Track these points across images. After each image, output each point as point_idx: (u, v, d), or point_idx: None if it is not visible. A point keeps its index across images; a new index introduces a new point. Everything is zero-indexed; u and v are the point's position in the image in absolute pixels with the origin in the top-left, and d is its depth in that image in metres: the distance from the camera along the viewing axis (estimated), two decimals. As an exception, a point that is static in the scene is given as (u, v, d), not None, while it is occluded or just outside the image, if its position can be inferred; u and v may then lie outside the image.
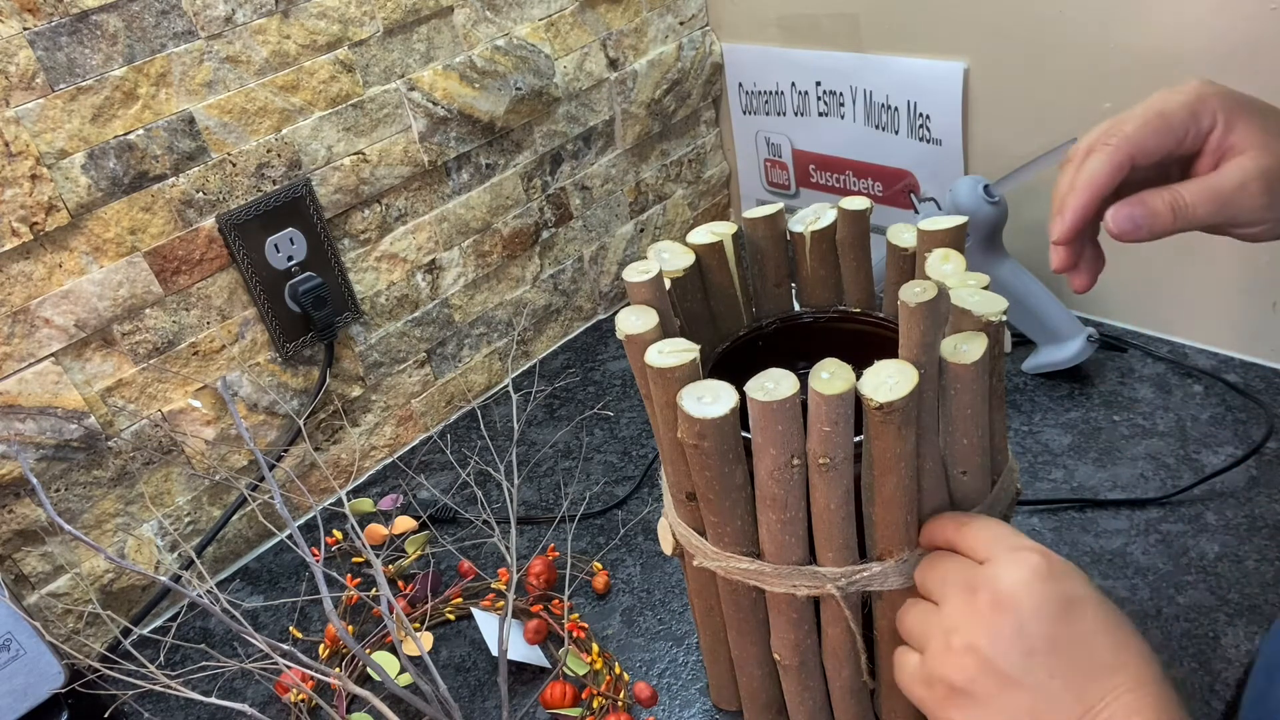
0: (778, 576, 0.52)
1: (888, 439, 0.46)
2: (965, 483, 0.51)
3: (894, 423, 0.45)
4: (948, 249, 0.53)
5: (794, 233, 0.60)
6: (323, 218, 0.86)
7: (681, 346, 0.49)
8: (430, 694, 0.62)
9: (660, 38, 1.09)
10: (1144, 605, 0.67)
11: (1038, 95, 0.89)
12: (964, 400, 0.47)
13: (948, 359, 0.46)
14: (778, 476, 0.48)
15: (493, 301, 1.04)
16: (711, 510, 0.51)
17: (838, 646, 0.56)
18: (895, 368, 0.46)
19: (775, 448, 0.47)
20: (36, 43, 0.68)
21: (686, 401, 0.47)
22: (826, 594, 0.52)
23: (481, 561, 0.83)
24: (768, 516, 0.50)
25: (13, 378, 0.72)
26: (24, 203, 0.69)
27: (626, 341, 0.51)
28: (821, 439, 0.46)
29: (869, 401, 0.45)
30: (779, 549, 0.51)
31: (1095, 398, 0.87)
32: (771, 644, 0.57)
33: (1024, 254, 0.95)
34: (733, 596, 0.56)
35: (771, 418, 0.45)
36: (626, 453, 0.93)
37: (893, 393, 0.44)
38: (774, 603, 0.54)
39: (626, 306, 0.53)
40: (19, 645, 0.66)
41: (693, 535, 0.54)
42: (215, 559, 0.88)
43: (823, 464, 0.47)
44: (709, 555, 0.54)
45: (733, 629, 0.58)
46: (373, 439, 0.98)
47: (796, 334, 0.63)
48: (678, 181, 1.19)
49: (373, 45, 0.85)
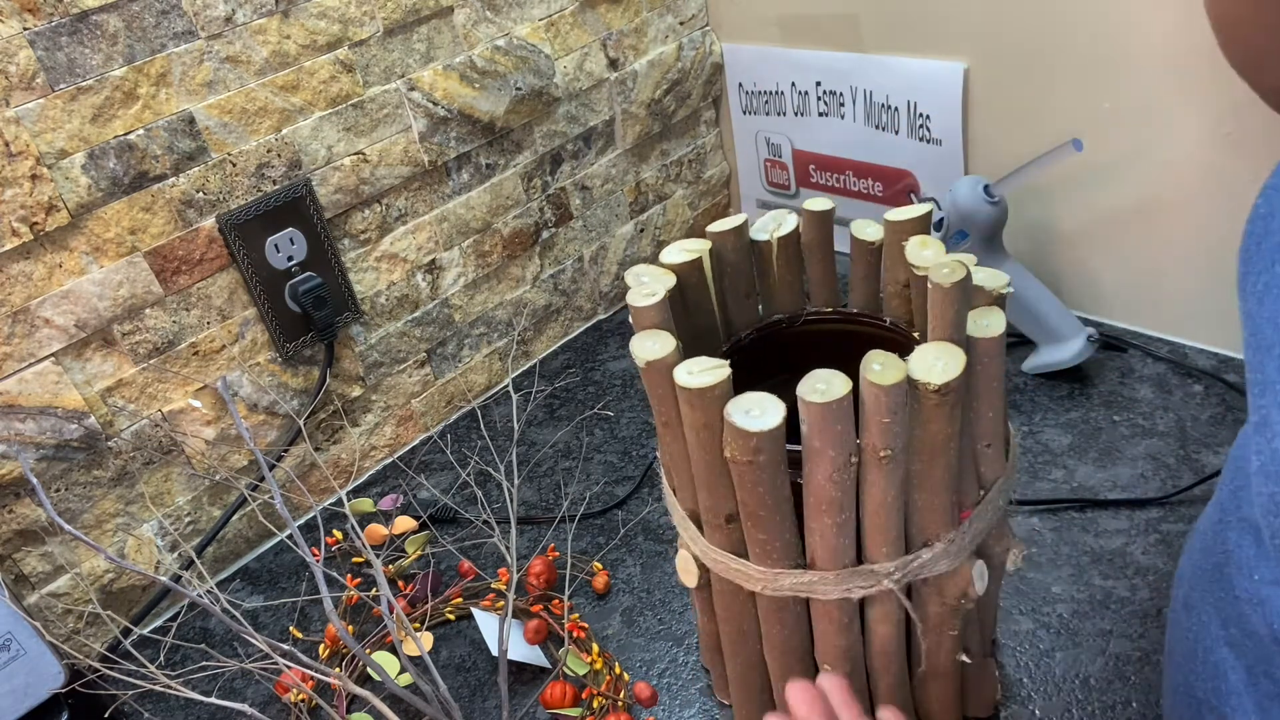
0: (832, 583, 0.51)
1: (940, 421, 0.46)
2: (989, 456, 0.52)
3: (948, 404, 0.45)
4: (923, 236, 0.54)
5: (759, 241, 0.60)
6: (323, 218, 0.86)
7: (709, 364, 0.47)
8: (430, 694, 0.62)
9: (660, 38, 1.09)
10: (1144, 605, 0.67)
11: (1038, 95, 0.89)
12: (990, 374, 0.49)
13: (974, 335, 0.47)
14: (836, 479, 0.47)
15: (493, 301, 1.04)
16: (760, 527, 0.50)
17: (886, 644, 0.55)
18: (938, 350, 0.46)
19: (834, 449, 0.46)
20: (36, 43, 0.68)
21: (737, 417, 0.45)
22: (882, 590, 0.51)
23: (481, 561, 0.83)
24: (822, 522, 0.49)
25: (13, 378, 0.72)
26: (24, 203, 0.69)
27: (647, 369, 0.49)
28: (881, 431, 0.45)
29: (926, 385, 0.45)
30: (832, 554, 0.50)
31: (1095, 398, 0.87)
32: (818, 656, 0.56)
33: (1024, 254, 0.95)
34: (777, 615, 0.54)
35: (830, 418, 0.45)
36: (626, 453, 0.93)
37: (945, 374, 0.45)
38: (822, 612, 0.53)
39: (628, 324, 0.52)
40: (19, 645, 0.66)
41: (731, 560, 0.53)
42: (215, 559, 0.88)
43: (884, 456, 0.46)
44: (753, 576, 0.52)
45: (774, 649, 0.56)
46: (373, 439, 0.98)
47: (777, 342, 0.63)
48: (678, 181, 1.19)
49: (373, 45, 0.85)
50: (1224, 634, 0.40)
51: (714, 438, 0.48)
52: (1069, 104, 0.87)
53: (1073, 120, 0.87)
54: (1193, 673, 0.43)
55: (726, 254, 0.59)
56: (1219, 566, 0.41)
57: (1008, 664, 0.66)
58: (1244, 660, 0.40)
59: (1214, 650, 0.41)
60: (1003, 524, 0.56)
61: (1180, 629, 0.45)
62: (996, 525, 0.55)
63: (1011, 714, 0.63)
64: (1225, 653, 0.40)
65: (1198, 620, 0.43)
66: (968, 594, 0.52)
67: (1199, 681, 0.42)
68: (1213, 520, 0.43)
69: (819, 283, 0.62)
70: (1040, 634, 0.67)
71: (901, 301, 0.58)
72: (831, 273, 0.62)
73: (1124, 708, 0.61)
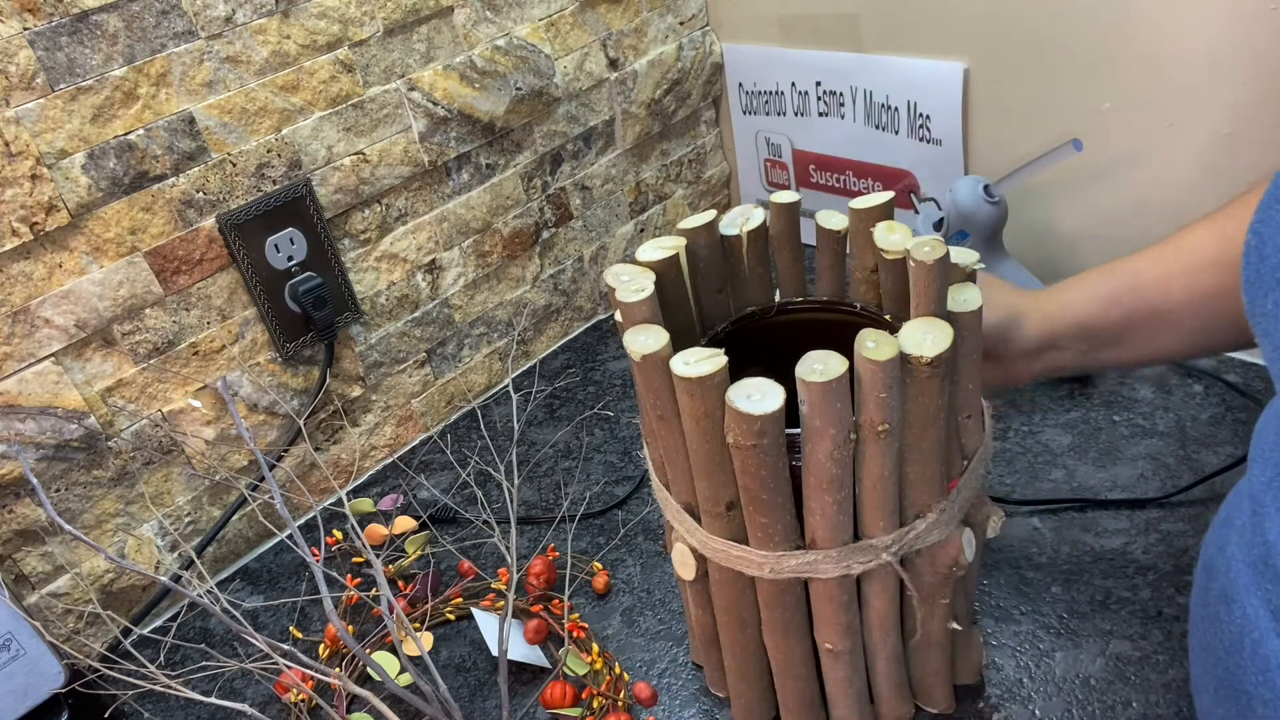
0: (833, 560, 0.52)
1: (931, 394, 0.48)
2: (970, 427, 0.54)
3: (939, 376, 0.47)
4: (889, 221, 0.55)
5: (729, 236, 0.61)
6: (323, 218, 0.86)
7: (702, 354, 0.49)
8: (430, 694, 0.62)
9: (660, 38, 1.09)
10: (1144, 605, 0.67)
11: (1038, 95, 0.89)
12: (969, 348, 0.51)
13: (954, 310, 0.49)
14: (836, 456, 0.48)
15: (493, 301, 1.04)
16: (761, 511, 0.51)
17: (883, 618, 0.56)
18: (924, 325, 0.48)
19: (834, 427, 0.47)
20: (36, 43, 0.68)
21: (739, 402, 0.47)
22: (881, 564, 0.53)
23: (481, 561, 0.83)
24: (822, 501, 0.50)
25: (13, 378, 0.72)
26: (24, 203, 0.69)
27: (642, 363, 0.50)
28: (879, 406, 0.47)
29: (919, 359, 0.46)
30: (832, 532, 0.51)
31: (1095, 398, 0.87)
32: (818, 636, 0.57)
33: (1024, 254, 0.95)
34: (778, 598, 0.55)
35: (830, 397, 0.46)
36: (626, 453, 0.93)
37: (935, 347, 0.46)
38: (822, 591, 0.54)
39: (617, 323, 0.53)
40: (19, 645, 0.66)
41: (732, 547, 0.54)
42: (215, 559, 0.88)
43: (881, 431, 0.48)
44: (755, 561, 0.53)
45: (775, 633, 0.57)
46: (373, 439, 0.98)
47: (752, 333, 0.63)
48: (678, 181, 1.19)
49: (373, 45, 0.85)
50: (1274, 626, 0.40)
51: (715, 425, 0.49)
52: (1069, 104, 0.87)
53: (1073, 120, 0.87)
54: (1239, 667, 0.43)
55: (699, 250, 0.60)
56: (1263, 559, 0.41)
57: (1007, 664, 0.66)
58: None
59: (1264, 643, 0.41)
60: (983, 492, 0.58)
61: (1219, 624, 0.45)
62: (978, 494, 0.57)
63: (1011, 714, 0.63)
64: (1277, 644, 0.40)
65: (1242, 614, 0.43)
66: (959, 562, 0.54)
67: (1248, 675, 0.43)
68: (1246, 514, 0.44)
69: (788, 274, 0.63)
70: (1040, 634, 0.67)
71: (870, 287, 0.59)
72: (799, 264, 0.63)
73: (1124, 708, 0.61)
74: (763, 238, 0.61)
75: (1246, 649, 0.42)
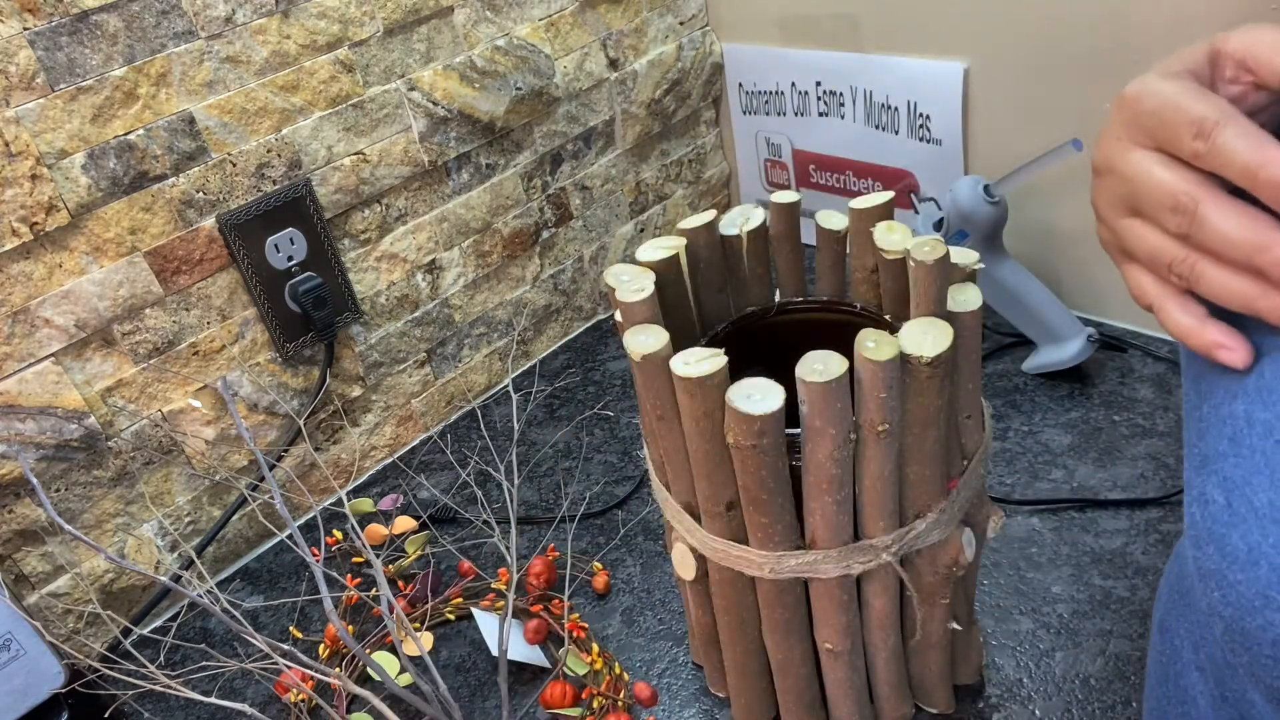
0: (833, 560, 0.52)
1: (931, 393, 0.47)
2: (970, 426, 0.53)
3: (939, 376, 0.47)
4: (889, 221, 0.55)
5: (729, 236, 0.61)
6: (323, 218, 0.86)
7: (702, 355, 0.49)
8: (430, 694, 0.62)
9: (660, 38, 1.09)
10: (1144, 605, 0.67)
11: (1038, 95, 0.89)
12: (969, 347, 0.50)
13: (954, 310, 0.49)
14: (836, 456, 0.48)
15: (493, 301, 1.04)
16: (761, 511, 0.51)
17: (883, 618, 0.56)
18: (924, 325, 0.48)
19: (835, 426, 0.47)
20: (36, 43, 0.68)
21: (739, 402, 0.47)
22: (881, 564, 0.53)
23: (481, 561, 0.83)
24: (822, 501, 0.50)
25: (13, 378, 0.72)
26: (24, 203, 0.69)
27: (642, 363, 0.50)
28: (879, 406, 0.47)
29: (919, 359, 0.46)
30: (832, 532, 0.51)
31: (1095, 398, 0.87)
32: (818, 635, 0.57)
33: (1024, 254, 0.95)
34: (778, 598, 0.55)
35: (831, 397, 0.46)
36: (626, 453, 0.93)
37: (936, 347, 0.46)
38: (822, 591, 0.54)
39: (617, 323, 0.53)
40: (19, 645, 0.66)
41: (732, 547, 0.54)
42: (215, 559, 0.88)
43: (881, 431, 0.48)
44: (755, 561, 0.53)
45: (775, 633, 0.57)
46: (373, 439, 0.98)
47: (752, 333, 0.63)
48: (678, 181, 1.19)
49: (373, 45, 0.85)
50: (1194, 658, 0.40)
51: (714, 425, 0.49)
52: (1069, 104, 0.87)
53: (1073, 120, 0.87)
54: (1165, 697, 0.43)
55: (699, 250, 0.60)
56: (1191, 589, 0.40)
57: (1007, 664, 0.66)
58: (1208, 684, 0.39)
59: (1184, 674, 0.41)
60: (983, 492, 0.58)
61: (1155, 651, 0.45)
62: (978, 494, 0.57)
63: (1011, 714, 0.63)
64: (1195, 676, 0.40)
65: (1170, 644, 0.43)
66: (959, 562, 0.54)
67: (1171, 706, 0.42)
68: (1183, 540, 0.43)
69: (787, 274, 0.63)
70: (1040, 634, 0.67)
71: (870, 287, 0.59)
72: (799, 264, 0.63)
73: (1124, 708, 0.61)
74: (763, 238, 0.61)
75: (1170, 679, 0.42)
